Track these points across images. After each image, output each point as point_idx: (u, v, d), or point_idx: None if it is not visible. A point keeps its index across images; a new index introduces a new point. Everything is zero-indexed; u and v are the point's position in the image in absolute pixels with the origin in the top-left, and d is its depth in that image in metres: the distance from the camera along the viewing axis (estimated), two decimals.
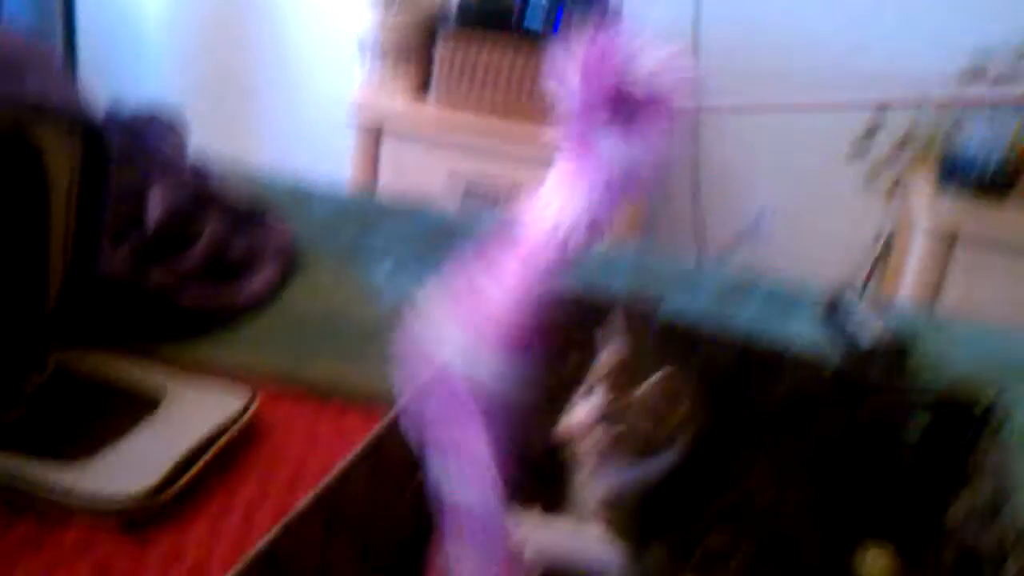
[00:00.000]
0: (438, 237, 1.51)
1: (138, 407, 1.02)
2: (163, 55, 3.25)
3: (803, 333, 1.29)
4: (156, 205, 1.26)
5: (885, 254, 2.75)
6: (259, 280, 1.28)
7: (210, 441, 0.98)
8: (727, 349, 0.96)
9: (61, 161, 1.03)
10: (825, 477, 0.96)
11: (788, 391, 0.95)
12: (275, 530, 0.66)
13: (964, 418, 0.92)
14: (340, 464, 0.73)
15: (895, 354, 1.21)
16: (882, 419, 0.94)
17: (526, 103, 2.57)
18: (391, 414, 0.78)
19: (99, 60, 3.10)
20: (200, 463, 0.96)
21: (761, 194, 2.84)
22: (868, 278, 2.73)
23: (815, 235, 2.79)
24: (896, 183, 2.69)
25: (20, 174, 1.01)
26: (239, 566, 0.62)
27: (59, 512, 0.90)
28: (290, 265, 1.34)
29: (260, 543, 0.64)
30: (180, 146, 1.46)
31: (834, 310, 1.35)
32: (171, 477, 0.93)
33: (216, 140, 2.08)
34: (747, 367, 0.95)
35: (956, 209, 2.37)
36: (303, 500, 0.69)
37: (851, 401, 0.94)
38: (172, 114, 1.52)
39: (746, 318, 1.40)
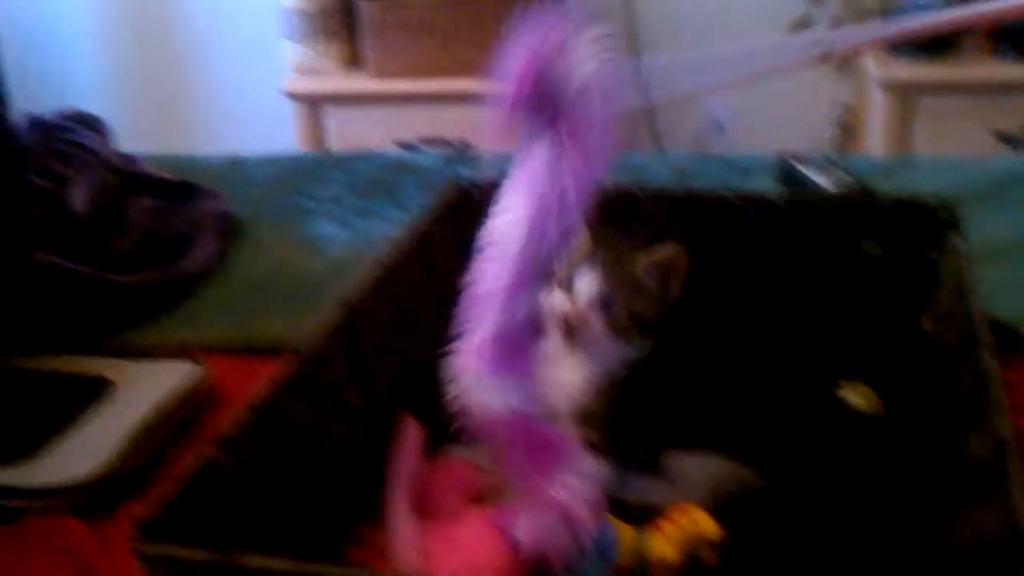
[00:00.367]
0: (380, 183, 1.48)
1: (86, 394, 1.00)
2: (87, 56, 3.19)
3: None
4: (81, 193, 1.23)
5: (848, 121, 2.71)
6: (199, 253, 1.25)
7: (160, 416, 0.96)
8: (674, 203, 0.93)
9: None
10: (797, 311, 0.94)
11: (748, 231, 0.92)
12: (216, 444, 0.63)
13: (926, 224, 0.90)
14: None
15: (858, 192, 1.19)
16: (845, 237, 0.91)
17: (460, 59, 2.51)
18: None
19: (20, 64, 3.04)
20: (152, 439, 0.93)
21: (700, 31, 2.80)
22: (837, 147, 2.70)
23: (773, 114, 2.75)
24: (847, 53, 2.65)
25: None
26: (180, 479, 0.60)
27: (17, 510, 0.88)
28: (230, 235, 1.31)
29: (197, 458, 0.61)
30: (104, 141, 1.43)
31: (792, 167, 1.33)
32: (124, 456, 0.91)
33: (152, 138, 2.05)
34: (701, 215, 0.93)
35: (909, 67, 2.35)
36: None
37: (812, 228, 0.92)
38: (93, 115, 1.49)
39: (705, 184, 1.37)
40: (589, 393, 0.80)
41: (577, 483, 0.67)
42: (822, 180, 1.26)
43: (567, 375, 0.80)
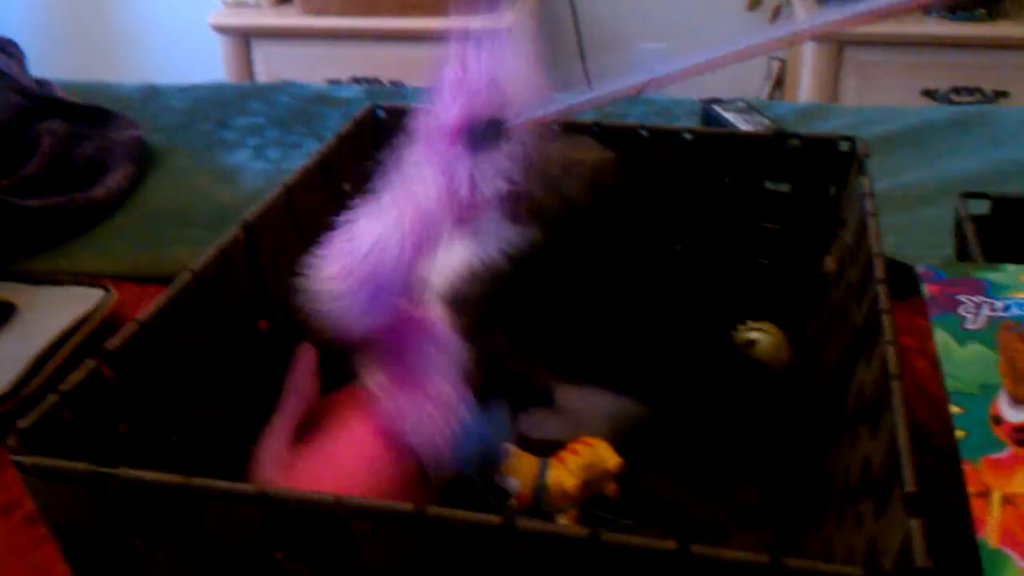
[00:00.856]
0: (301, 115, 1.46)
1: None
2: None
3: None
4: None
5: (780, 74, 2.73)
6: (110, 180, 1.23)
7: (65, 340, 0.94)
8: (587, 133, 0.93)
9: None
10: (700, 246, 0.95)
11: (658, 165, 0.92)
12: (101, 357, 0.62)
13: (833, 164, 0.91)
14: None
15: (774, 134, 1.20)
16: (753, 175, 0.92)
17: None
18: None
19: None
20: (54, 361, 0.92)
21: (647, 36, 2.80)
22: (769, 97, 2.71)
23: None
24: (778, 5, 2.67)
25: None
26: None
27: None
28: (143, 163, 1.29)
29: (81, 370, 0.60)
30: (15, 65, 1.39)
31: (711, 110, 1.33)
32: (24, 380, 0.89)
33: (74, 68, 2.00)
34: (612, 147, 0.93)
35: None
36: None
37: (720, 165, 0.92)
38: (5, 38, 1.45)
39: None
40: (466, 277, 0.78)
41: (447, 371, 0.68)
42: (743, 124, 1.27)
43: (449, 257, 0.79)
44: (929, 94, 2.35)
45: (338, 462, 0.70)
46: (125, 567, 0.56)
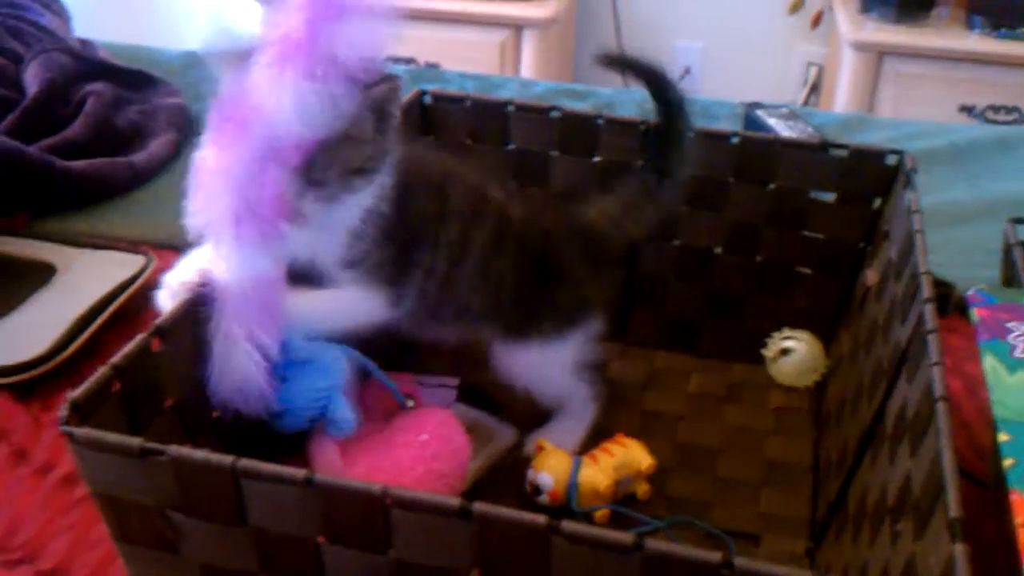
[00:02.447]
0: None
1: (31, 280, 0.99)
2: None
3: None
4: (34, 79, 1.20)
5: (817, 80, 2.71)
6: (152, 146, 1.23)
7: (105, 305, 0.94)
8: (630, 133, 0.93)
9: None
10: (738, 253, 0.95)
11: (705, 166, 0.92)
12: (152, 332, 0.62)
13: (879, 177, 0.90)
14: None
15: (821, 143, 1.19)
16: (793, 190, 0.91)
17: None
18: None
19: None
20: (93, 327, 0.92)
21: (686, 34, 2.78)
22: (805, 103, 2.69)
23: (747, 67, 2.74)
24: (820, 11, 2.65)
25: None
26: None
27: None
28: (185, 131, 1.29)
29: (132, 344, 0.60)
30: (61, 24, 1.39)
31: (753, 114, 1.33)
32: (64, 343, 0.90)
33: (112, 29, 2.00)
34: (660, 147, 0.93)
35: (880, 29, 2.35)
36: None
37: (760, 174, 0.92)
38: None
39: None
40: (345, 243, 0.74)
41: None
42: (785, 131, 1.27)
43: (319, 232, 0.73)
44: (966, 110, 2.33)
45: (395, 457, 0.71)
46: (166, 540, 0.57)
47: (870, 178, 0.90)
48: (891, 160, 0.90)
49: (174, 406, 0.65)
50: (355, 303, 0.75)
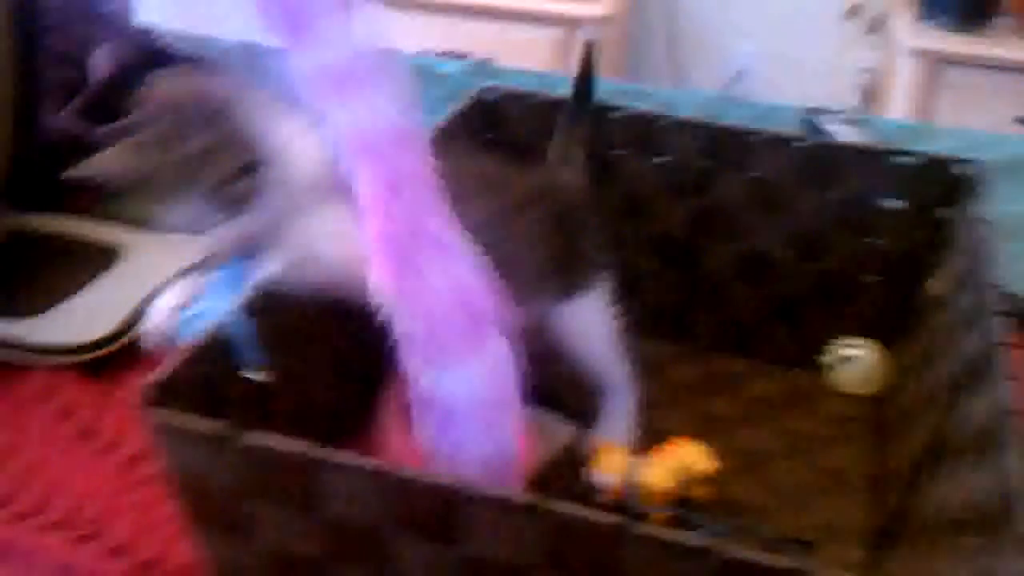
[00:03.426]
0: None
1: (98, 261, 1.00)
2: None
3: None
4: (100, 64, 1.21)
5: (872, 86, 2.69)
6: None
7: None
8: (697, 132, 0.93)
9: None
10: (801, 259, 0.94)
11: (769, 170, 0.92)
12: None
13: (948, 187, 0.89)
14: None
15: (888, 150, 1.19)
16: (860, 196, 0.91)
17: None
18: None
19: None
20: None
21: (740, 36, 2.77)
22: (859, 109, 2.67)
23: (800, 72, 2.73)
24: (877, 16, 2.63)
25: None
26: None
27: (22, 364, 0.89)
28: None
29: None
30: (125, 10, 1.40)
31: (815, 119, 1.32)
32: (129, 323, 0.91)
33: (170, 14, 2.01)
34: (717, 153, 0.93)
35: (939, 37, 2.32)
36: None
37: (826, 180, 0.91)
38: None
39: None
40: None
41: None
42: (846, 136, 1.26)
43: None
44: (1022, 122, 2.30)
45: None
46: (240, 524, 0.58)
47: (938, 187, 0.89)
48: (959, 170, 0.89)
49: (246, 391, 0.65)
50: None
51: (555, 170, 0.88)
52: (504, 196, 0.77)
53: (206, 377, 0.61)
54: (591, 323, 0.83)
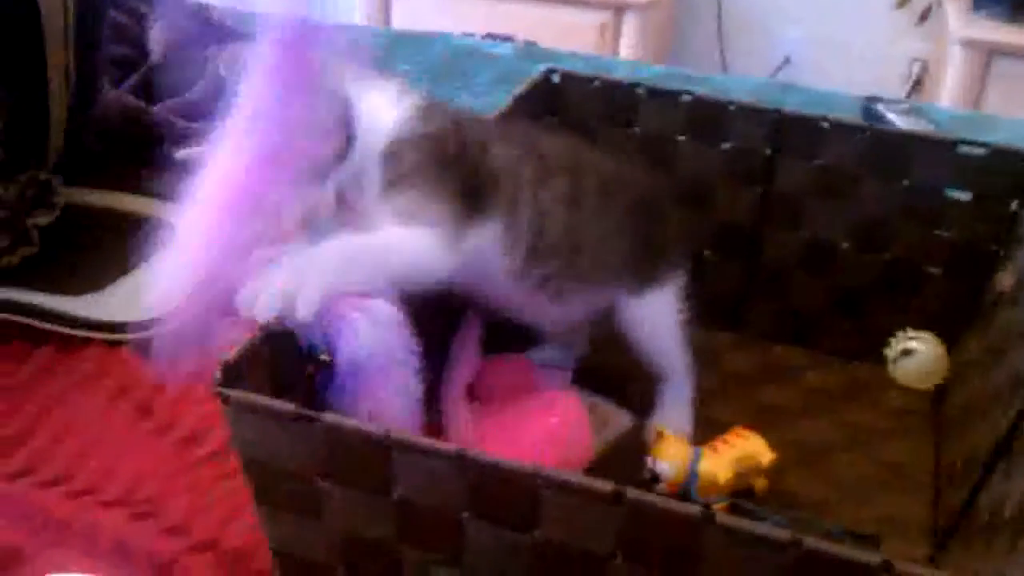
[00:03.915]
0: (454, 68, 1.45)
1: (152, 239, 1.00)
2: None
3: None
4: (158, 39, 1.21)
5: (921, 77, 2.66)
6: None
7: None
8: (761, 121, 0.92)
9: None
10: (866, 249, 0.93)
11: (835, 157, 0.91)
12: None
13: (1012, 177, 0.88)
14: None
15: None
16: (927, 187, 0.89)
17: None
18: None
19: None
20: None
21: (788, 22, 2.75)
22: (908, 97, 2.65)
23: (848, 59, 2.70)
24: (928, 6, 2.60)
25: (10, 9, 0.96)
26: None
27: (78, 340, 0.89)
28: None
29: None
30: None
31: (873, 107, 1.30)
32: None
33: None
34: (781, 139, 0.91)
35: (991, 28, 2.29)
36: None
37: (893, 169, 0.90)
38: None
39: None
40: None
41: None
42: (906, 126, 1.24)
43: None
44: None
45: (524, 439, 0.71)
46: (309, 506, 0.57)
47: (1008, 179, 0.88)
48: None
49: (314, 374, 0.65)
50: (401, 240, 0.66)
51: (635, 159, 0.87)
52: (587, 178, 0.76)
53: (273, 358, 0.60)
54: (661, 316, 0.82)
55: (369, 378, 0.60)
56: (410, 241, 0.66)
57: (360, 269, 0.64)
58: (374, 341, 0.60)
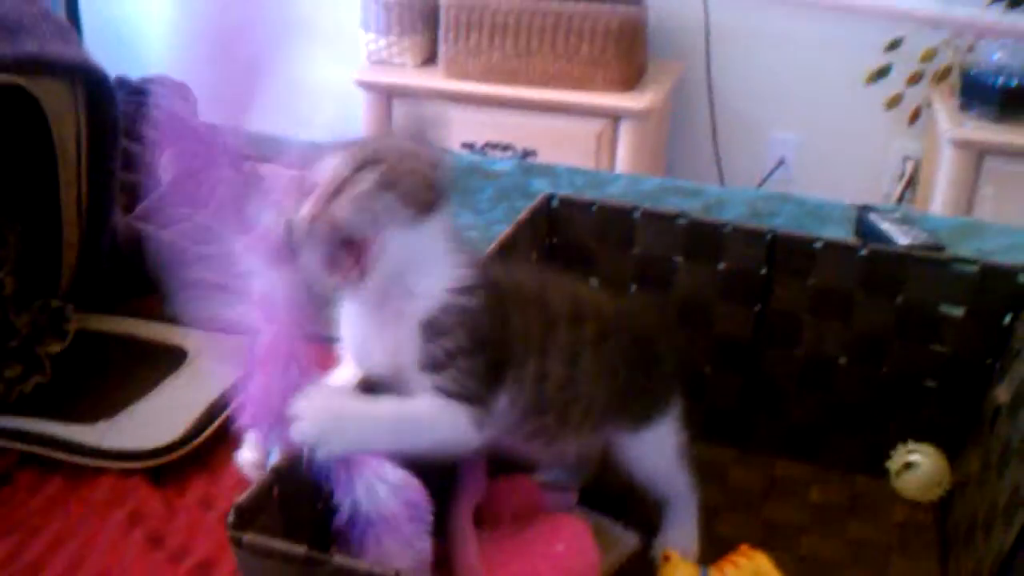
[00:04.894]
0: (454, 185, 1.48)
1: (163, 364, 1.02)
2: (168, 32, 3.23)
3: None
4: (168, 165, 1.24)
5: (913, 175, 2.70)
6: None
7: (235, 391, 0.96)
8: (756, 241, 0.94)
9: (64, 112, 1.01)
10: (863, 364, 0.94)
11: (829, 276, 0.93)
12: None
13: (1008, 292, 0.90)
14: None
15: (931, 249, 1.18)
16: (921, 303, 0.91)
17: (535, 67, 2.50)
18: None
19: (103, 37, 3.07)
20: (225, 413, 0.94)
21: (780, 125, 2.80)
22: (900, 199, 2.68)
23: (842, 160, 2.74)
24: (918, 107, 2.64)
25: (23, 129, 0.99)
26: None
27: (90, 469, 0.90)
28: None
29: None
30: (190, 109, 1.44)
31: (867, 217, 1.33)
32: (197, 428, 0.92)
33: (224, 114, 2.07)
34: (777, 259, 0.94)
35: (980, 127, 2.34)
36: None
37: (887, 286, 0.92)
38: (180, 82, 1.51)
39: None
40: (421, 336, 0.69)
41: None
42: (901, 236, 1.26)
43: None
44: None
45: (532, 568, 0.71)
46: None
47: (1001, 293, 0.90)
48: (1023, 278, 0.89)
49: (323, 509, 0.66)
50: (435, 416, 0.68)
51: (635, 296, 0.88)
52: (589, 324, 0.77)
53: (285, 498, 0.62)
54: (659, 449, 0.84)
55: (380, 533, 0.61)
56: (447, 418, 0.67)
57: (393, 437, 0.66)
58: (389, 502, 0.61)
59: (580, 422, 0.79)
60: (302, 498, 0.63)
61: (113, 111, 1.05)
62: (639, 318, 0.84)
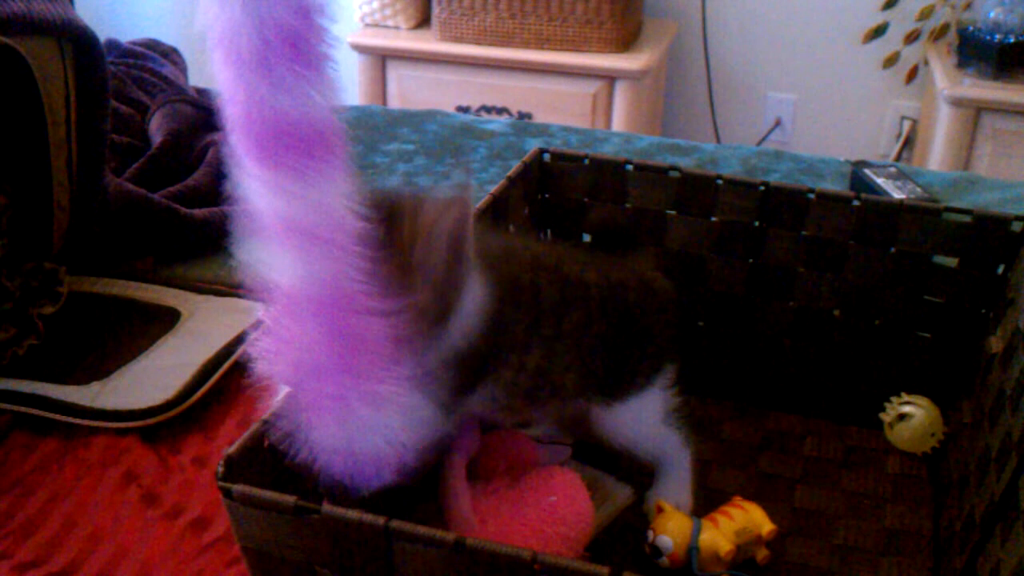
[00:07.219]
0: (448, 144, 1.48)
1: (156, 325, 1.02)
2: None
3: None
4: (159, 127, 1.24)
5: (911, 134, 2.69)
6: None
7: (229, 352, 0.97)
8: (749, 194, 0.93)
9: (52, 73, 1.00)
10: (857, 317, 0.94)
11: (822, 229, 0.93)
12: None
13: (1003, 242, 0.90)
14: None
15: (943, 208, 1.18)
16: (915, 253, 0.91)
17: (528, 29, 2.49)
18: None
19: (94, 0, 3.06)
20: (219, 373, 0.95)
21: (777, 86, 2.79)
22: (897, 158, 2.68)
23: (839, 120, 2.74)
24: (915, 65, 2.63)
25: (11, 91, 0.98)
26: None
27: (84, 429, 0.90)
28: None
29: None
30: (180, 73, 1.44)
31: (861, 172, 1.32)
32: (191, 388, 0.92)
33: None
34: (770, 211, 0.93)
35: (977, 85, 2.33)
36: None
37: (881, 238, 0.91)
38: (170, 46, 1.50)
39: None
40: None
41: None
42: (895, 191, 1.26)
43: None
44: None
45: (525, 518, 0.71)
46: None
47: (993, 243, 0.90)
48: (1016, 226, 0.89)
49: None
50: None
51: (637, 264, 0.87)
52: (574, 314, 0.77)
53: (275, 448, 0.62)
54: (639, 417, 0.83)
55: None
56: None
57: None
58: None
59: (547, 401, 0.78)
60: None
61: (101, 72, 1.04)
62: (630, 292, 0.82)
